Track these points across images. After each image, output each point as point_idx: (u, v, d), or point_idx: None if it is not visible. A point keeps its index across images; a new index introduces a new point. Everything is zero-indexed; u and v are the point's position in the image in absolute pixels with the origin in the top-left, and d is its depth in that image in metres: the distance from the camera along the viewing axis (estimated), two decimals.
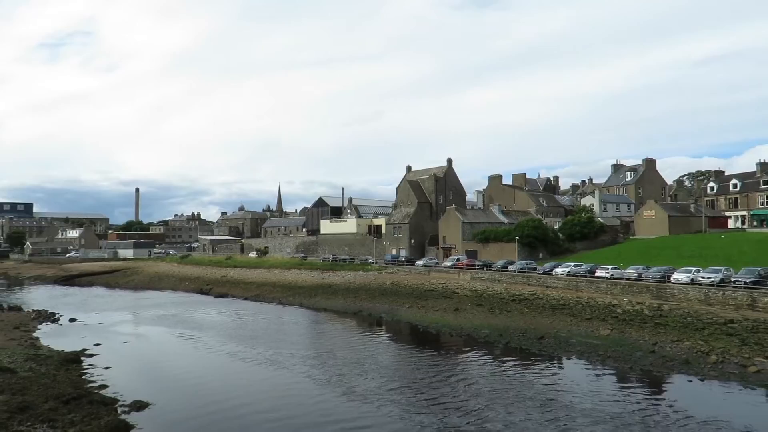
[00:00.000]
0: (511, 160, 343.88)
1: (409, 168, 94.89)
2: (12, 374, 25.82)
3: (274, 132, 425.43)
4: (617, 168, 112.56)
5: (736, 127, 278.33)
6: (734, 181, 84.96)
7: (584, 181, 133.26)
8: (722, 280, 40.36)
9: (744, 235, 67.08)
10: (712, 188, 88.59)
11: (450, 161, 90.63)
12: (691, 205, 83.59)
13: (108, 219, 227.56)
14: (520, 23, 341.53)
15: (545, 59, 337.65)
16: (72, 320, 49.75)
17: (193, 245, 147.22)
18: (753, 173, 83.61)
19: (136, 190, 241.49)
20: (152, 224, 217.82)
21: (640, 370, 29.05)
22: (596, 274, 48.80)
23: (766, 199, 78.92)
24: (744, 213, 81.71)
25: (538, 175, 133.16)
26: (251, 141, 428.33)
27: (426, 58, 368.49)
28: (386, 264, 71.51)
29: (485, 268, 58.71)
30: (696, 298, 38.94)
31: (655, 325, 34.89)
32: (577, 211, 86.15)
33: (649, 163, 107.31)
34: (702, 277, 41.44)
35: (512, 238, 64.78)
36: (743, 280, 38.65)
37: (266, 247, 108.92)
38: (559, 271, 51.99)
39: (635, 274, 46.09)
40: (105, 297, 73.35)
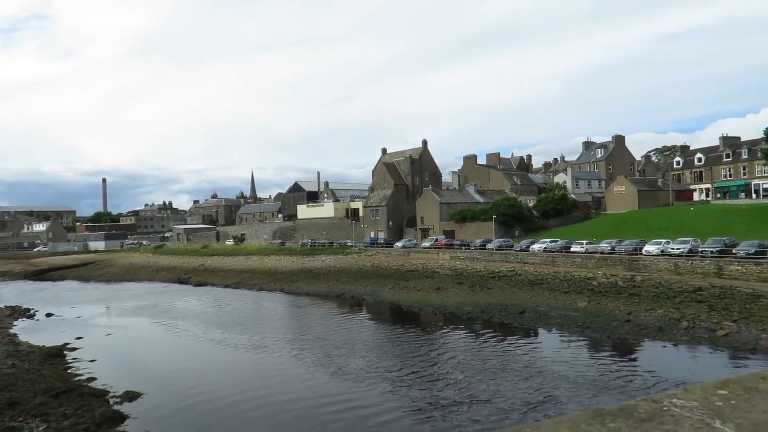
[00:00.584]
0: (484, 140, 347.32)
1: (384, 150, 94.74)
2: None
3: (244, 117, 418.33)
4: (588, 145, 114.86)
5: (698, 102, 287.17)
6: (699, 155, 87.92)
7: (556, 158, 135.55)
8: (690, 251, 42.26)
9: (709, 207, 69.95)
10: (678, 163, 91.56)
11: (425, 142, 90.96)
12: (659, 180, 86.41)
13: (75, 211, 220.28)
14: (488, 3, 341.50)
15: (514, 38, 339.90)
16: (49, 315, 48.65)
17: (167, 235, 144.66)
18: (716, 147, 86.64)
19: (103, 180, 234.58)
20: (122, 215, 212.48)
21: (617, 338, 30.41)
22: (571, 249, 50.36)
23: (729, 172, 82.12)
24: (708, 186, 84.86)
25: (511, 154, 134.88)
26: (220, 127, 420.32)
27: (395, 38, 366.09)
28: (365, 247, 71.96)
29: (464, 248, 59.76)
30: (666, 269, 40.70)
31: (629, 296, 36.41)
32: (551, 188, 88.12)
33: (618, 139, 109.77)
34: (671, 249, 43.27)
35: (489, 216, 65.97)
36: (710, 250, 40.64)
37: (243, 235, 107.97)
38: (536, 247, 53.36)
39: (608, 248, 47.76)
40: (80, 290, 71.75)
